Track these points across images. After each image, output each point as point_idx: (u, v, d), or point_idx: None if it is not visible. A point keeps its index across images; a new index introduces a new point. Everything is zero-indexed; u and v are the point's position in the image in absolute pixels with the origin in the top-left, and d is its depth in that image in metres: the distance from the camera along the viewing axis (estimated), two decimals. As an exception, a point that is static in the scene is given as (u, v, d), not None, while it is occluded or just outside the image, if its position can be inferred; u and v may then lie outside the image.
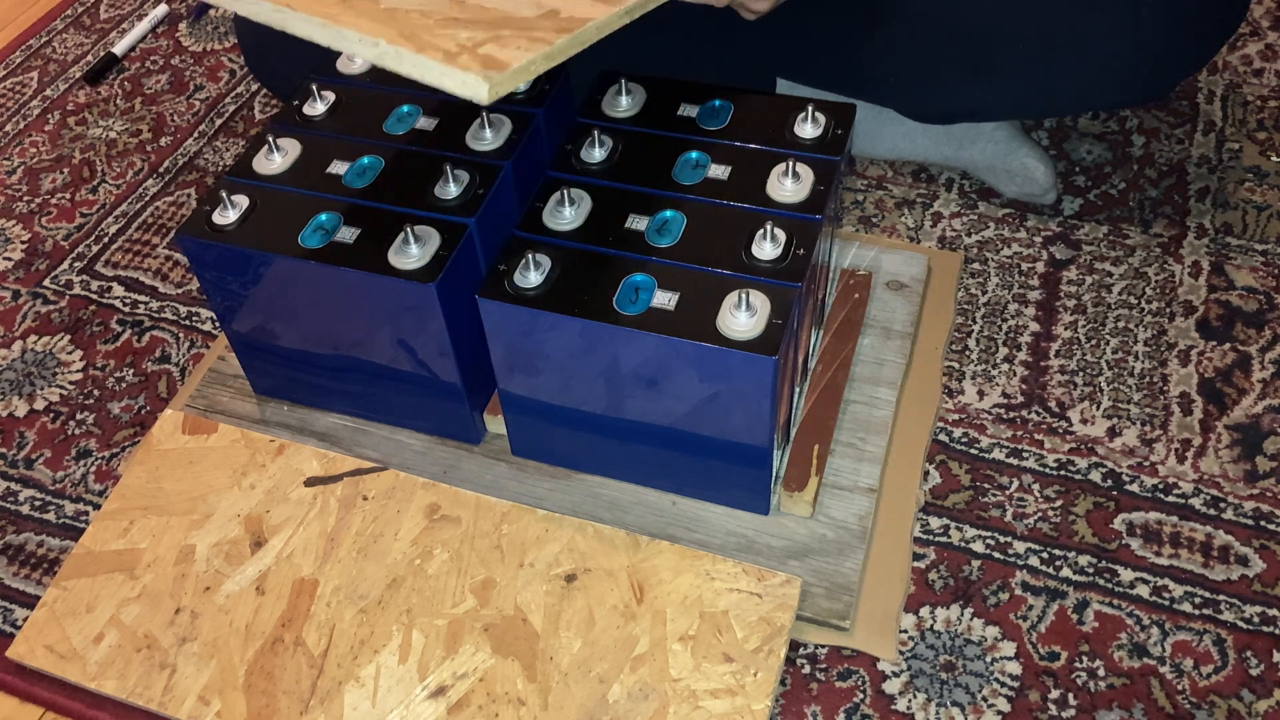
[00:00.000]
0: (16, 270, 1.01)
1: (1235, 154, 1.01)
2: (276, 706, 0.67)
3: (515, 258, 0.68)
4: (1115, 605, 0.72)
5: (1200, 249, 0.94)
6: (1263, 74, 1.09)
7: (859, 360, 0.83)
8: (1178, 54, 0.86)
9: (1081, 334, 0.88)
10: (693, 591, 0.70)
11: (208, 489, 0.78)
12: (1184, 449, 0.80)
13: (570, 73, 0.80)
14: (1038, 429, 0.82)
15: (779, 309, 0.64)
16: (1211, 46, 0.88)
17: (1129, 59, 0.84)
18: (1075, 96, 0.90)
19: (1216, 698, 0.68)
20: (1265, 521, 0.76)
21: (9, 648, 0.72)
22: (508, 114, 0.76)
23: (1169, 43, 0.83)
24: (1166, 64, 0.86)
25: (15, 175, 1.10)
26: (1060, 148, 1.03)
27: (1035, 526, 0.76)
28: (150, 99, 1.18)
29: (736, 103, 0.76)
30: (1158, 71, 0.87)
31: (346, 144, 0.76)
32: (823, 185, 0.71)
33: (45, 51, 1.26)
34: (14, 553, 0.80)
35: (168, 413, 0.83)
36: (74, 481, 0.84)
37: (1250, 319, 0.88)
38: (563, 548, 0.73)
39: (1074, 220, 0.97)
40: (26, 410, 0.89)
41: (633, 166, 0.73)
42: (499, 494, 0.77)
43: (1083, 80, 0.85)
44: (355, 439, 0.81)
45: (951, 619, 0.72)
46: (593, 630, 0.69)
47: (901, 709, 0.69)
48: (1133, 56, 0.84)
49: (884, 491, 0.78)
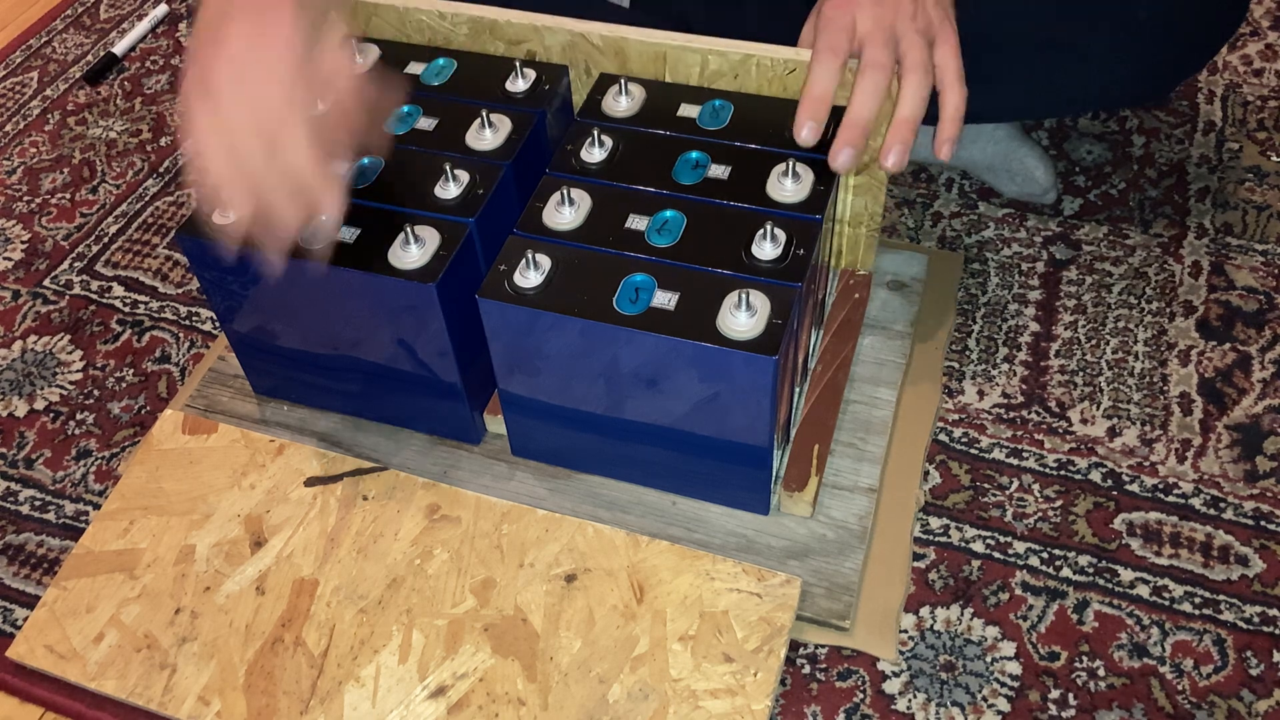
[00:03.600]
0: (16, 270, 1.01)
1: (1235, 154, 1.01)
2: (276, 706, 0.67)
3: (515, 258, 0.68)
4: (1115, 605, 0.72)
5: (1200, 249, 0.94)
6: (1263, 74, 1.09)
7: (859, 360, 0.83)
8: (1176, 58, 0.86)
9: (1081, 334, 0.88)
10: (693, 591, 0.70)
11: (207, 489, 0.78)
12: (1184, 449, 0.80)
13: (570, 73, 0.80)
14: (1038, 429, 0.82)
15: (779, 309, 0.64)
16: (1210, 49, 0.88)
17: (1127, 64, 0.84)
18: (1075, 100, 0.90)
19: (1216, 698, 0.68)
20: (1265, 521, 0.76)
21: (9, 648, 0.72)
22: (508, 114, 0.76)
23: (1167, 47, 0.84)
24: (1165, 68, 0.86)
25: (15, 175, 1.10)
26: (1060, 148, 1.03)
27: (1035, 526, 0.76)
28: (150, 99, 1.18)
29: (736, 103, 0.76)
30: (1156, 76, 0.87)
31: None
32: (823, 185, 0.71)
33: (45, 51, 1.26)
34: (14, 553, 0.80)
35: (167, 413, 0.83)
36: (74, 481, 0.84)
37: (1250, 319, 0.88)
38: (563, 548, 0.73)
39: (1074, 220, 0.97)
40: (26, 410, 0.89)
41: (633, 166, 0.73)
42: (499, 494, 0.77)
43: (1082, 85, 0.85)
44: (355, 439, 0.81)
45: (951, 619, 0.72)
46: (593, 630, 0.69)
47: (901, 709, 0.69)
48: (1131, 62, 0.84)
49: (884, 491, 0.78)
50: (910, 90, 0.66)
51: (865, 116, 0.66)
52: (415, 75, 0.80)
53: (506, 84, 0.78)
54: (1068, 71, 0.84)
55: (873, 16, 0.66)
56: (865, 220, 0.83)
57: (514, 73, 0.78)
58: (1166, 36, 0.83)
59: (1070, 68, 0.84)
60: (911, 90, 0.66)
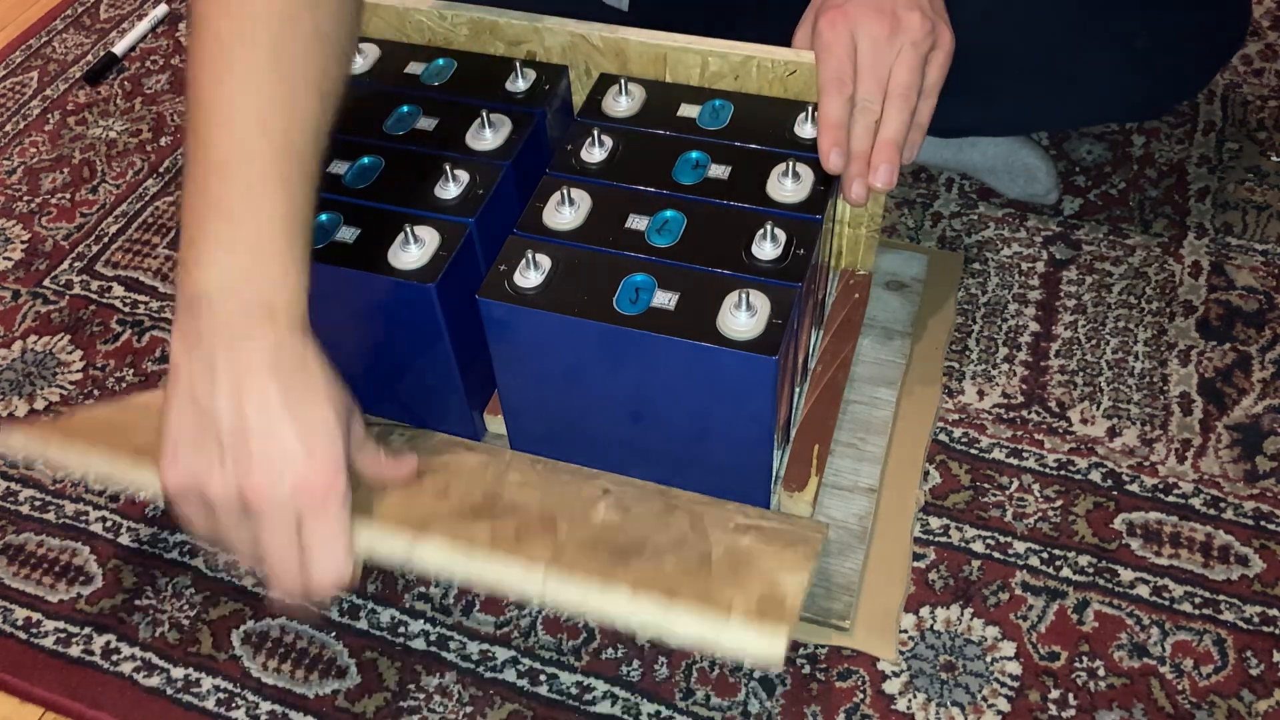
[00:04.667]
0: (16, 270, 1.01)
1: (1235, 154, 1.01)
2: None
3: (515, 258, 0.67)
4: (1115, 605, 0.72)
5: (1200, 249, 0.94)
6: (1263, 74, 1.09)
7: (859, 360, 0.83)
8: (1173, 83, 0.87)
9: (1081, 334, 0.88)
10: (724, 519, 0.69)
11: None
12: (1184, 449, 0.80)
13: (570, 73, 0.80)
14: (1038, 429, 0.82)
15: (779, 309, 0.64)
16: (1208, 74, 0.89)
17: (1124, 87, 0.84)
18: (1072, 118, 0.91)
19: (1216, 698, 0.68)
20: (1265, 521, 0.76)
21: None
22: (508, 114, 0.76)
23: (1164, 71, 0.84)
24: (1162, 92, 0.87)
25: (15, 175, 1.10)
26: (1060, 148, 1.03)
27: (1035, 526, 0.76)
28: (150, 99, 1.18)
29: (737, 103, 0.76)
30: (1153, 99, 0.88)
31: (347, 144, 0.76)
32: (823, 185, 0.71)
33: (45, 51, 1.26)
34: (14, 553, 0.80)
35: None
36: (74, 481, 0.84)
37: (1250, 319, 0.88)
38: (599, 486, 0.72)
39: (1074, 220, 0.97)
40: (26, 410, 0.89)
41: (633, 166, 0.73)
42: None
43: (1079, 104, 0.86)
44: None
45: (951, 619, 0.72)
46: (629, 512, 0.68)
47: (901, 709, 0.69)
48: (1129, 86, 0.84)
49: (884, 491, 0.78)
50: (893, 113, 0.68)
51: (864, 149, 0.69)
52: (415, 75, 0.80)
53: (506, 84, 0.78)
54: (1066, 93, 0.84)
55: (870, 37, 0.67)
56: (865, 220, 0.83)
57: (514, 73, 0.78)
58: (1164, 63, 0.83)
59: (1068, 90, 0.84)
60: (894, 113, 0.68)
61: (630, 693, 0.70)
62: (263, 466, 0.51)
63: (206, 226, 0.53)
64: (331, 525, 0.53)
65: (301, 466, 0.51)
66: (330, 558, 0.53)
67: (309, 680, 0.72)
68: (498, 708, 0.70)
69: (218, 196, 0.54)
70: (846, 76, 0.68)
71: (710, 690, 0.70)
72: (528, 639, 0.73)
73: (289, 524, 0.52)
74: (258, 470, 0.51)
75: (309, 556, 0.53)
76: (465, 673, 0.71)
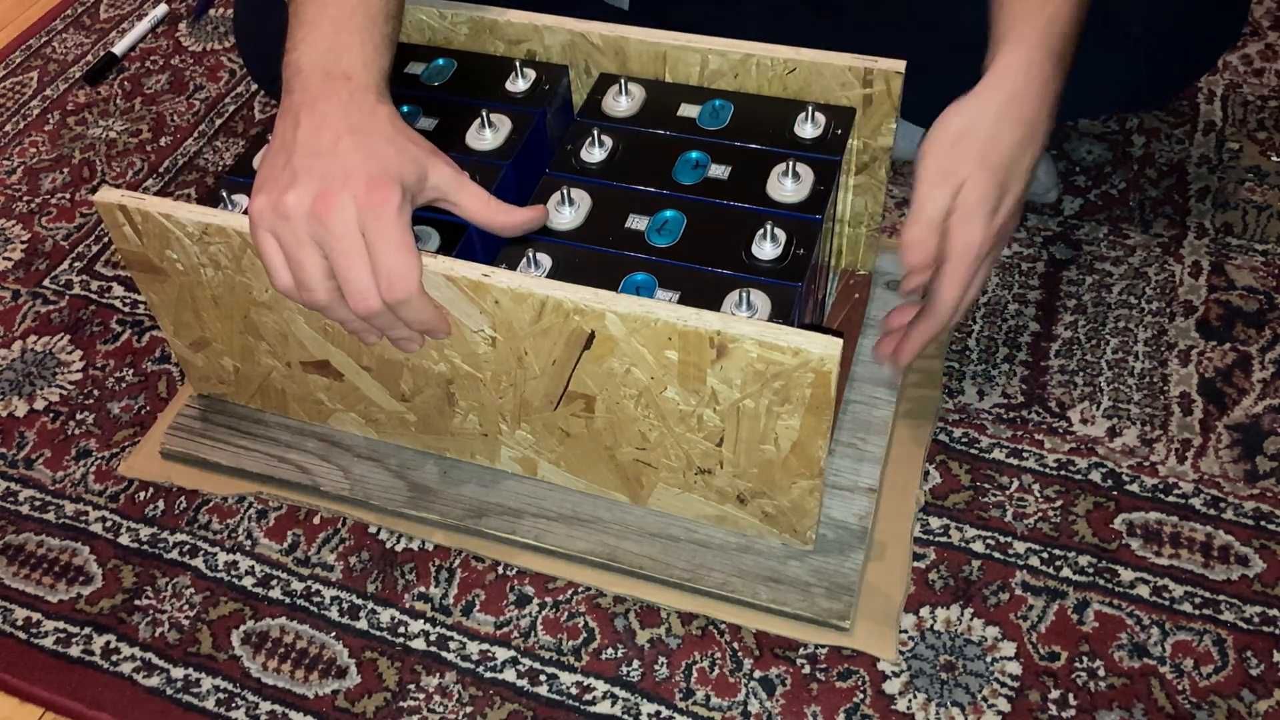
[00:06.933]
0: (16, 270, 1.01)
1: (1235, 154, 1.01)
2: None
3: (516, 257, 0.68)
4: (1115, 605, 0.72)
5: (1200, 249, 0.94)
6: (1263, 74, 1.09)
7: (859, 360, 0.83)
8: (1170, 72, 0.86)
9: (1081, 334, 0.88)
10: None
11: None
12: (1184, 449, 0.80)
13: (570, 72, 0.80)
14: (1038, 429, 0.82)
15: (779, 309, 0.64)
16: (1206, 63, 0.88)
17: (1121, 77, 0.84)
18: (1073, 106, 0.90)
19: (1216, 698, 0.68)
20: (1265, 521, 0.76)
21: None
22: (508, 114, 0.76)
23: (1161, 61, 0.84)
24: (1159, 81, 0.87)
25: (15, 175, 1.10)
26: (1060, 148, 1.03)
27: (1035, 526, 0.76)
28: (150, 99, 1.18)
29: (736, 103, 0.76)
30: (1150, 88, 0.88)
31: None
32: (823, 185, 0.71)
33: (45, 51, 1.26)
34: (14, 553, 0.80)
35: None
36: (74, 481, 0.84)
37: (1250, 319, 0.88)
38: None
39: (1074, 220, 0.97)
40: (26, 410, 0.89)
41: (632, 166, 0.73)
42: (499, 494, 0.77)
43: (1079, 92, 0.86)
44: (355, 438, 0.81)
45: (951, 619, 0.72)
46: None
47: (901, 709, 0.69)
48: (1125, 75, 0.84)
49: (884, 491, 0.78)
50: (940, 305, 0.69)
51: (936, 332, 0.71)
52: (415, 75, 0.80)
53: (506, 84, 0.78)
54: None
55: (977, 190, 0.66)
56: (865, 220, 0.83)
57: (514, 73, 0.78)
58: (1160, 51, 0.83)
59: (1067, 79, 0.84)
60: (941, 305, 0.69)
61: (630, 693, 0.70)
62: (329, 180, 0.59)
63: (303, 15, 0.64)
64: (391, 225, 0.59)
65: (361, 183, 0.59)
66: (395, 256, 0.59)
67: (309, 680, 0.72)
68: (497, 708, 0.70)
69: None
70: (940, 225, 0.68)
71: (710, 690, 0.70)
72: (527, 639, 0.73)
73: (353, 229, 0.59)
74: (326, 183, 0.59)
75: (376, 257, 0.59)
76: (465, 673, 0.71)
